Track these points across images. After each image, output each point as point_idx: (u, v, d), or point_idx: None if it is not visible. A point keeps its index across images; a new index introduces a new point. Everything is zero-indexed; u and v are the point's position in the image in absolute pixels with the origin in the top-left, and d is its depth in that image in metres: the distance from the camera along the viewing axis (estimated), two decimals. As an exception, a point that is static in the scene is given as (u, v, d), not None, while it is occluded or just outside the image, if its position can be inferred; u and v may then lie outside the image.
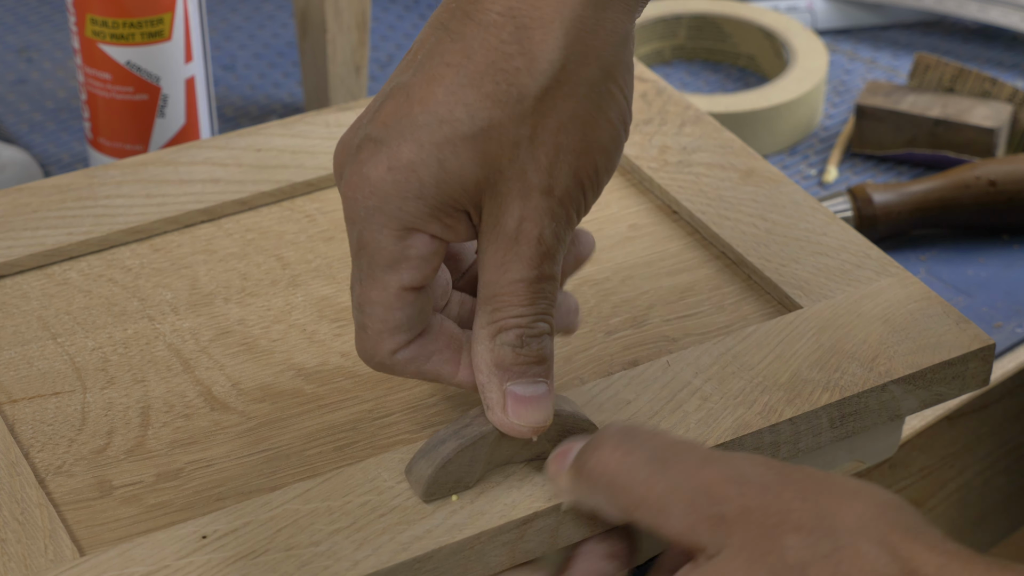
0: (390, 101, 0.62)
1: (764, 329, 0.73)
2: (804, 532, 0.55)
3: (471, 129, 0.60)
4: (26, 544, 0.62)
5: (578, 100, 0.61)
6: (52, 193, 0.81)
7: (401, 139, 0.61)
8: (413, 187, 0.60)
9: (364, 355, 0.64)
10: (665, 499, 0.58)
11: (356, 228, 0.62)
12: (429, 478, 0.63)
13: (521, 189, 0.61)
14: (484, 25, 0.61)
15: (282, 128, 0.85)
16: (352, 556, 0.61)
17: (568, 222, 0.63)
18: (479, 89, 0.60)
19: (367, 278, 0.62)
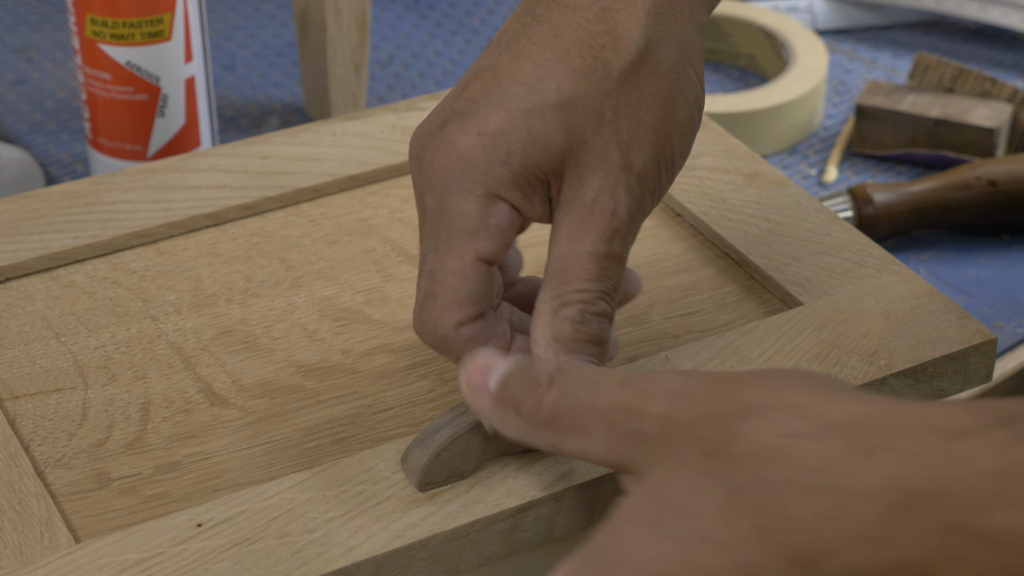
0: (476, 80, 0.64)
1: (764, 325, 0.73)
2: (715, 420, 0.53)
3: (558, 98, 0.62)
4: (22, 532, 0.63)
5: (659, 78, 0.64)
6: (59, 199, 0.81)
7: (490, 108, 0.63)
8: (501, 152, 0.62)
9: (428, 325, 0.64)
10: (587, 423, 0.57)
11: (438, 195, 0.63)
12: (424, 466, 0.63)
13: (602, 161, 0.63)
14: (571, 7, 0.64)
15: (288, 136, 0.86)
16: (346, 543, 0.61)
17: (642, 202, 0.64)
18: (566, 63, 0.63)
19: (444, 245, 0.63)
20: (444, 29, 1.14)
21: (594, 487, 0.64)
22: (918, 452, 0.49)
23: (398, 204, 0.82)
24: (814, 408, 0.52)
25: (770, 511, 0.50)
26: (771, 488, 0.51)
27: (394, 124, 0.87)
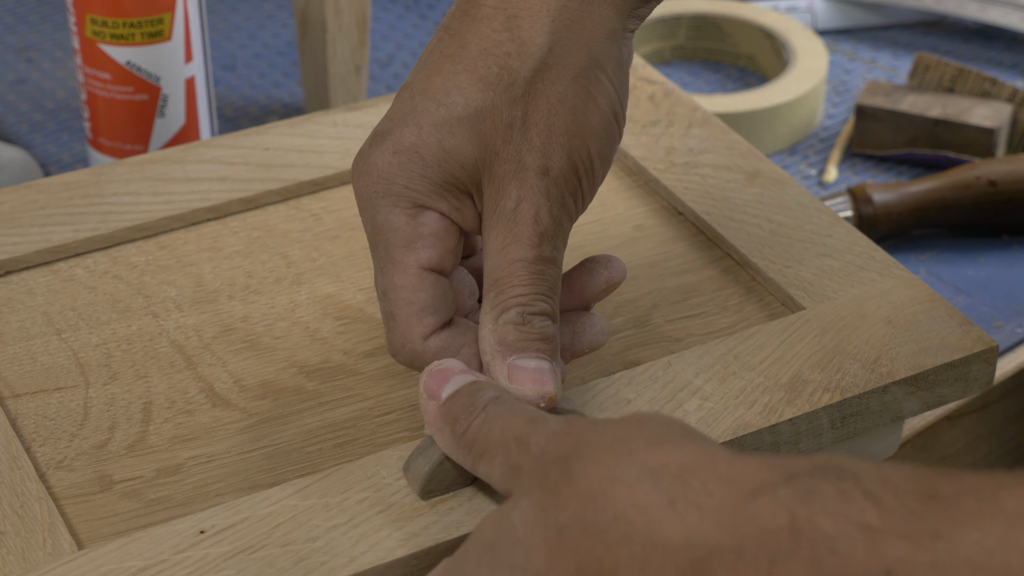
0: (396, 100, 0.65)
1: (766, 330, 0.73)
2: (563, 460, 0.55)
3: (465, 111, 0.63)
4: (24, 537, 0.62)
5: (566, 84, 0.64)
6: (60, 190, 0.81)
7: (404, 126, 0.64)
8: (417, 166, 0.63)
9: (396, 346, 0.65)
10: (493, 451, 0.59)
11: (368, 215, 0.64)
12: (426, 475, 0.63)
13: (517, 170, 0.63)
14: (478, 18, 0.64)
15: (289, 128, 0.86)
16: (349, 552, 0.61)
17: (564, 204, 0.64)
18: (473, 74, 0.63)
19: (386, 263, 0.64)
20: (445, 29, 1.14)
21: (596, 497, 0.64)
22: (717, 509, 0.50)
23: (399, 199, 0.82)
24: (638, 455, 0.53)
25: (588, 555, 0.52)
26: (589, 531, 0.52)
27: (396, 116, 0.86)
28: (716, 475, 0.51)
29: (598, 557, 0.52)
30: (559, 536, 0.53)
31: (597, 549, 0.52)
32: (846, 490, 0.48)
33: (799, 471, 0.50)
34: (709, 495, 0.51)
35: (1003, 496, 0.46)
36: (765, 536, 0.49)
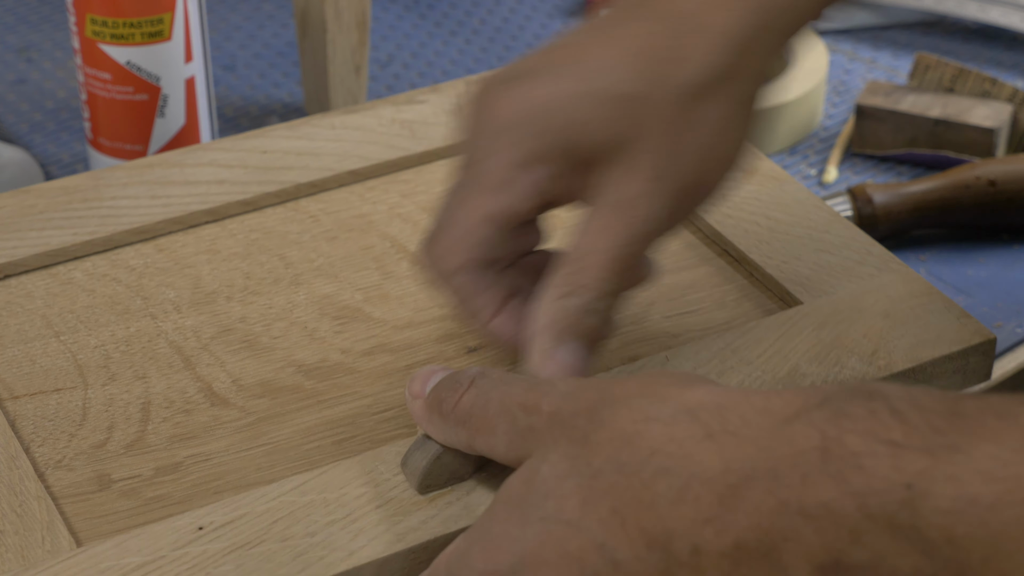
0: (547, 50, 0.66)
1: (764, 324, 0.73)
2: (588, 412, 0.55)
3: (613, 91, 0.64)
4: (23, 536, 0.63)
5: (728, 108, 0.64)
6: (58, 195, 0.81)
7: (543, 81, 0.64)
8: (538, 124, 0.64)
9: (430, 259, 0.66)
10: (494, 421, 0.59)
11: (478, 143, 0.65)
12: (424, 470, 0.63)
13: (645, 167, 0.63)
14: (645, 18, 0.64)
15: (287, 130, 0.86)
16: (347, 546, 0.61)
17: (672, 218, 0.65)
18: (633, 65, 0.64)
19: (465, 192, 0.65)
20: (444, 29, 1.14)
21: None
22: (753, 436, 0.51)
23: (397, 200, 0.82)
24: (672, 395, 0.54)
25: (624, 494, 0.52)
26: (625, 471, 0.53)
27: (393, 118, 0.87)
28: (752, 407, 0.52)
29: (635, 495, 0.52)
30: (592, 480, 0.53)
31: (633, 487, 0.52)
32: (875, 410, 0.50)
33: (832, 395, 0.51)
34: (746, 424, 0.52)
35: (1023, 414, 0.48)
36: (798, 457, 0.50)
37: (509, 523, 0.55)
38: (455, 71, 1.10)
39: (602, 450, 0.54)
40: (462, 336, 0.74)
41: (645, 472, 0.52)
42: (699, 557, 0.51)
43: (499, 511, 0.56)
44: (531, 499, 0.55)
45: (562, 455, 0.55)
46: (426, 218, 0.81)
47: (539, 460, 0.56)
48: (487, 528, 0.56)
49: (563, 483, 0.54)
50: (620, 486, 0.52)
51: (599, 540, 0.52)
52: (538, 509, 0.54)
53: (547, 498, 0.54)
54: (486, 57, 1.11)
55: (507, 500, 0.56)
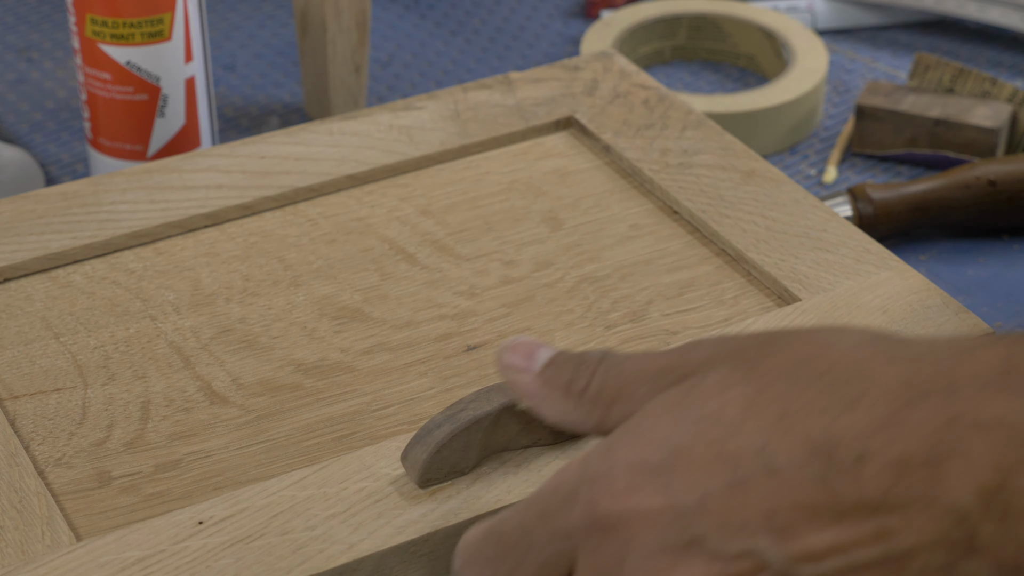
0: None
1: (763, 321, 0.73)
2: (760, 343, 0.54)
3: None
4: (23, 531, 0.63)
5: None
6: (57, 200, 0.81)
7: None
8: None
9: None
10: (631, 388, 0.56)
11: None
12: (424, 463, 0.63)
13: None
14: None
15: (286, 136, 0.86)
16: (347, 539, 0.62)
17: None
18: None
19: None
20: (444, 29, 1.15)
21: (594, 483, 0.64)
22: (936, 359, 0.51)
23: (396, 203, 0.83)
24: (851, 329, 0.54)
25: (795, 401, 0.51)
26: (798, 383, 0.52)
27: (391, 123, 0.87)
28: (939, 340, 0.52)
29: (806, 402, 0.51)
30: (761, 390, 0.52)
31: (806, 395, 0.51)
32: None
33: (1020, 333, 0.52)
34: (931, 350, 0.52)
35: None
36: (978, 374, 0.50)
37: (662, 421, 0.53)
38: (455, 71, 1.10)
39: (775, 368, 0.53)
40: (461, 335, 0.74)
41: (821, 383, 0.52)
42: (862, 466, 0.50)
43: (651, 412, 0.54)
44: (689, 402, 0.53)
45: (729, 370, 0.53)
46: (424, 221, 0.81)
47: (701, 377, 0.54)
48: (636, 426, 0.54)
49: (727, 391, 0.53)
50: (791, 394, 0.52)
51: (759, 444, 0.51)
52: (696, 410, 0.53)
53: (708, 401, 0.53)
54: (486, 57, 1.11)
55: (662, 404, 0.54)
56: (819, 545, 0.51)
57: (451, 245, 0.80)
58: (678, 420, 0.53)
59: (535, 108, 0.88)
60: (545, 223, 0.81)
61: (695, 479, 0.52)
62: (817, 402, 0.51)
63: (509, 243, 0.80)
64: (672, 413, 0.53)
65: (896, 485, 0.50)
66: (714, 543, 0.52)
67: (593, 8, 1.16)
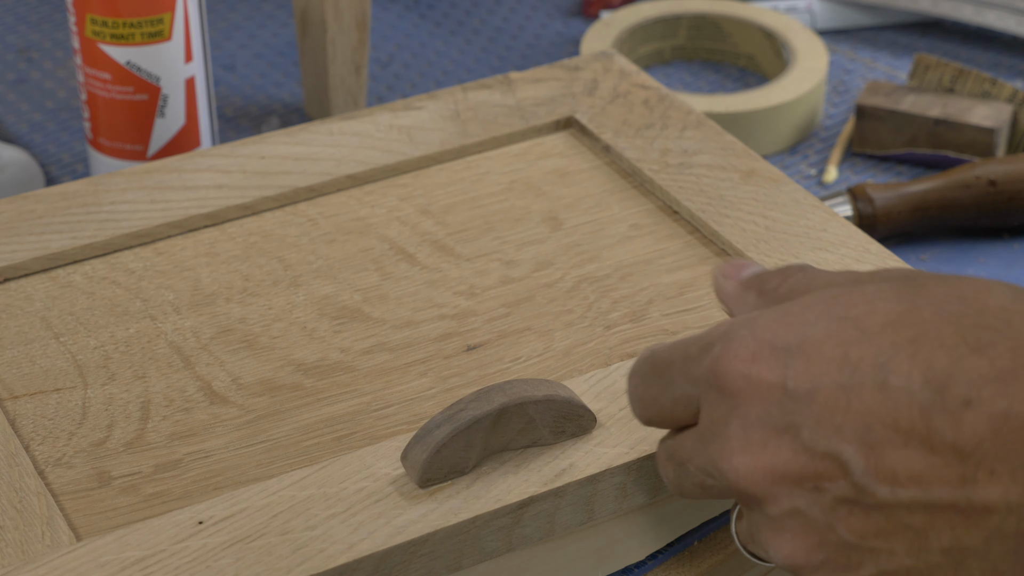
0: None
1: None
2: (925, 276, 0.56)
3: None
4: (23, 531, 0.63)
5: None
6: (58, 200, 0.81)
7: None
8: None
9: None
10: (814, 283, 0.58)
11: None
12: (424, 463, 0.63)
13: None
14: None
15: (286, 136, 0.86)
16: (347, 539, 0.61)
17: None
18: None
19: None
20: (444, 29, 1.15)
21: (594, 482, 0.65)
22: None
23: (396, 203, 0.83)
24: (1015, 285, 0.55)
25: (930, 330, 0.53)
26: (943, 313, 0.53)
27: (391, 123, 0.87)
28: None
29: (940, 333, 0.53)
30: (907, 310, 0.54)
31: (943, 327, 0.53)
32: None
33: None
34: None
35: None
36: None
37: (809, 311, 0.55)
38: (455, 71, 1.10)
39: (933, 295, 0.54)
40: (461, 335, 0.74)
41: (964, 322, 0.52)
42: (966, 411, 0.51)
43: (805, 300, 0.56)
44: (841, 302, 0.55)
45: (891, 287, 0.55)
46: (424, 221, 0.81)
47: (867, 281, 0.56)
48: (787, 308, 0.56)
49: (878, 302, 0.54)
50: (930, 322, 0.53)
51: (882, 359, 0.53)
52: (842, 310, 0.54)
53: (856, 305, 0.54)
54: (486, 57, 1.11)
55: (818, 297, 0.56)
56: (903, 471, 0.52)
57: (451, 245, 0.80)
58: (822, 314, 0.55)
59: (535, 108, 0.88)
60: (545, 223, 0.81)
61: (813, 370, 0.54)
62: (951, 337, 0.52)
63: (509, 243, 0.80)
64: (821, 306, 0.55)
65: (993, 439, 0.51)
66: (807, 436, 0.53)
67: (591, 8, 1.16)
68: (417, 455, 0.63)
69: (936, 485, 0.51)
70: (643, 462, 0.65)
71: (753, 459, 0.55)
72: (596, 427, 0.66)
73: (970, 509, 0.51)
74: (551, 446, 0.66)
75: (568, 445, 0.66)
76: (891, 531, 0.53)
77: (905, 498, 0.52)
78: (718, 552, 0.72)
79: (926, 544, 0.52)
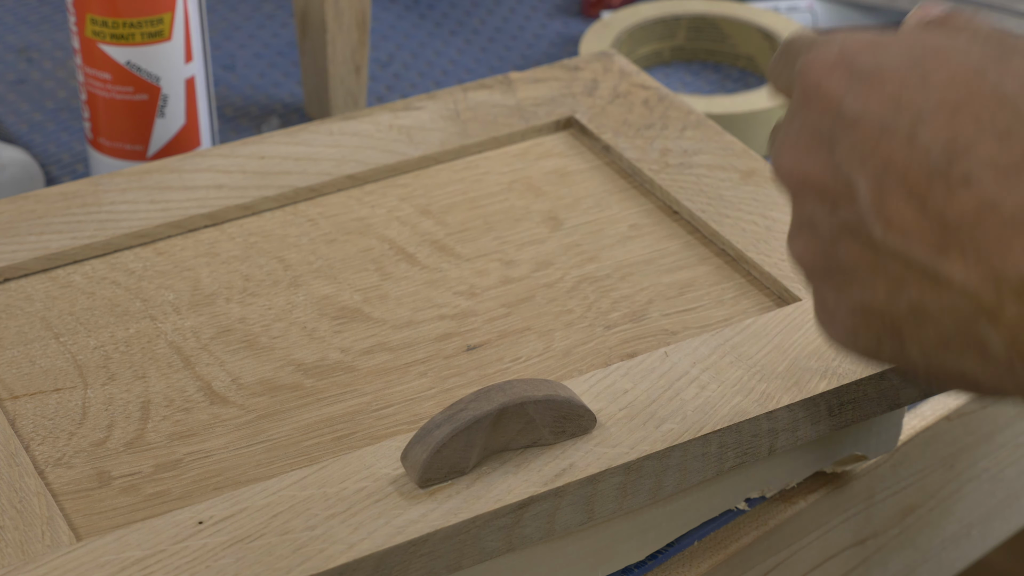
0: None
1: (763, 321, 0.73)
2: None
3: None
4: (23, 531, 0.63)
5: None
6: (58, 200, 0.81)
7: None
8: None
9: None
10: None
11: None
12: (424, 463, 0.63)
13: None
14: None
15: (286, 136, 0.86)
16: (347, 539, 0.61)
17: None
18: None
19: None
20: (444, 29, 1.15)
21: (594, 482, 0.65)
22: None
23: (396, 203, 0.83)
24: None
25: (976, 101, 0.54)
26: (997, 86, 0.54)
27: (391, 123, 0.87)
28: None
29: (1000, 109, 0.54)
30: (974, 78, 0.54)
31: (1009, 100, 0.54)
32: None
33: None
34: None
35: None
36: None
37: (897, 44, 0.57)
38: (455, 71, 1.10)
39: (1007, 69, 0.55)
40: (461, 335, 0.74)
41: (1009, 104, 0.54)
42: (961, 188, 0.53)
43: (906, 35, 0.58)
44: (929, 46, 0.56)
45: (980, 48, 0.56)
46: (424, 221, 0.81)
47: (967, 36, 0.57)
48: (883, 37, 0.58)
49: (953, 59, 0.55)
50: (981, 94, 0.54)
51: (924, 113, 0.54)
52: (922, 55, 0.56)
53: (936, 56, 0.56)
54: (486, 57, 1.11)
55: (917, 36, 0.57)
56: (896, 219, 0.55)
57: (451, 245, 0.80)
58: (904, 52, 0.57)
59: (535, 108, 0.88)
60: (545, 223, 0.81)
61: (867, 100, 0.56)
62: (987, 115, 0.54)
63: (509, 243, 0.80)
64: (908, 45, 0.57)
65: (974, 222, 0.53)
66: (839, 156, 0.56)
67: (591, 8, 1.16)
68: (417, 455, 0.63)
69: (916, 244, 0.54)
70: (643, 462, 0.65)
71: (795, 159, 0.58)
72: (596, 427, 0.66)
73: (936, 277, 0.54)
74: (551, 446, 0.66)
75: (568, 445, 0.66)
76: (876, 269, 0.56)
77: (891, 244, 0.55)
78: (718, 552, 0.72)
79: (899, 294, 0.56)
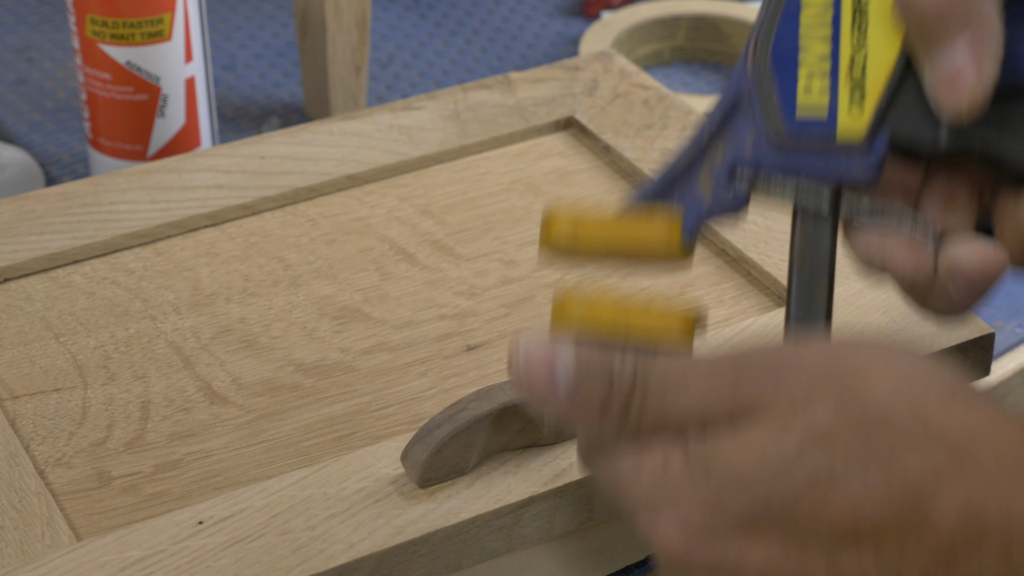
0: None
1: (762, 321, 0.73)
2: (832, 401, 0.51)
3: None
4: (23, 531, 0.63)
5: None
6: (58, 200, 0.81)
7: None
8: None
9: None
10: (684, 417, 0.52)
11: None
12: (424, 463, 0.63)
13: None
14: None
15: (286, 136, 0.86)
16: (347, 539, 0.62)
17: None
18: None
19: None
20: (444, 29, 1.15)
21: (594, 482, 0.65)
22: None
23: (396, 203, 0.83)
24: (936, 420, 0.51)
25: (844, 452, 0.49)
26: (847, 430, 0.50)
27: (391, 124, 0.87)
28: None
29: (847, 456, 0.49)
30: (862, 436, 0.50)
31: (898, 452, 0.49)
32: None
33: None
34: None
35: None
36: None
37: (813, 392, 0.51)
38: (455, 71, 1.10)
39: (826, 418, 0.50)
40: (461, 335, 0.74)
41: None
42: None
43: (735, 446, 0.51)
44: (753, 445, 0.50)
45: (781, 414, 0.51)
46: (424, 221, 0.81)
47: (753, 420, 0.51)
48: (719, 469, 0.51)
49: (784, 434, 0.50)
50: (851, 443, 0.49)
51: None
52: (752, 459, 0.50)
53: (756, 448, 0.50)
54: (486, 57, 1.11)
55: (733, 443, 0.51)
56: None
57: (451, 245, 0.80)
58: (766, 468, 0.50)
59: (535, 108, 0.88)
60: (545, 223, 0.81)
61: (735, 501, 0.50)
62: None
63: (509, 243, 0.80)
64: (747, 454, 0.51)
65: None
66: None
67: (591, 8, 1.16)
68: (417, 455, 0.64)
69: None
70: (643, 462, 0.65)
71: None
72: (596, 427, 0.66)
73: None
74: (551, 446, 0.66)
75: (568, 445, 0.66)
76: None
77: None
78: (718, 552, 0.72)
79: None
